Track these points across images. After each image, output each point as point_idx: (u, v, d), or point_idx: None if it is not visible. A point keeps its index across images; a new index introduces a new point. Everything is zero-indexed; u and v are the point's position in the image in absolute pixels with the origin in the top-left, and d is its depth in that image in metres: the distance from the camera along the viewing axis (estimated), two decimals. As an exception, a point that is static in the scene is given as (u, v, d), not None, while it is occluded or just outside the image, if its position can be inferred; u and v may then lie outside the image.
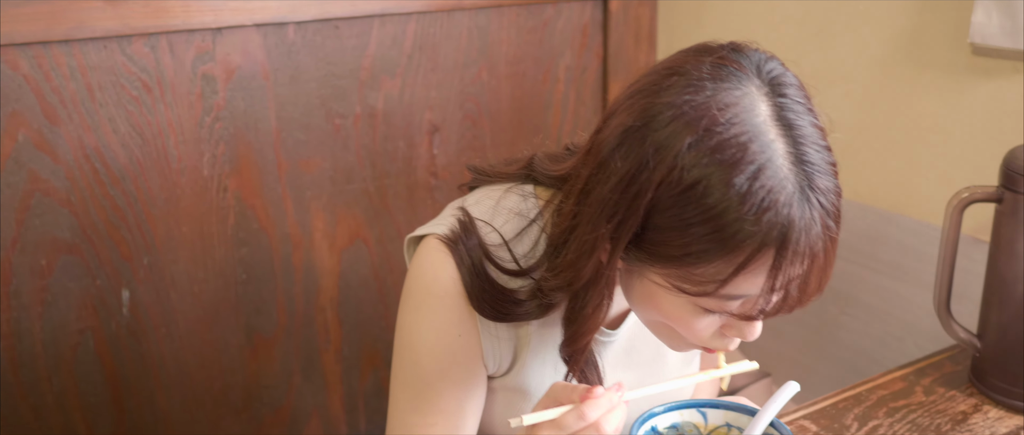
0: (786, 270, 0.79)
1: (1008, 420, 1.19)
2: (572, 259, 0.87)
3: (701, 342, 0.90)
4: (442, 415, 1.00)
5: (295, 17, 1.53)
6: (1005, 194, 1.16)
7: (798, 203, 0.78)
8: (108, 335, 1.53)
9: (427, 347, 0.98)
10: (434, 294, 0.97)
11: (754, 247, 0.78)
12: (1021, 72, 1.34)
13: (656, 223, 0.80)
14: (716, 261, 0.79)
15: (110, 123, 1.44)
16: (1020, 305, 1.18)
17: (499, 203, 0.99)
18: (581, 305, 0.90)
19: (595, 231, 0.83)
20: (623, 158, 0.81)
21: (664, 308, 0.87)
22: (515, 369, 1.02)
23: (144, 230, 1.51)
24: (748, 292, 0.81)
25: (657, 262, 0.83)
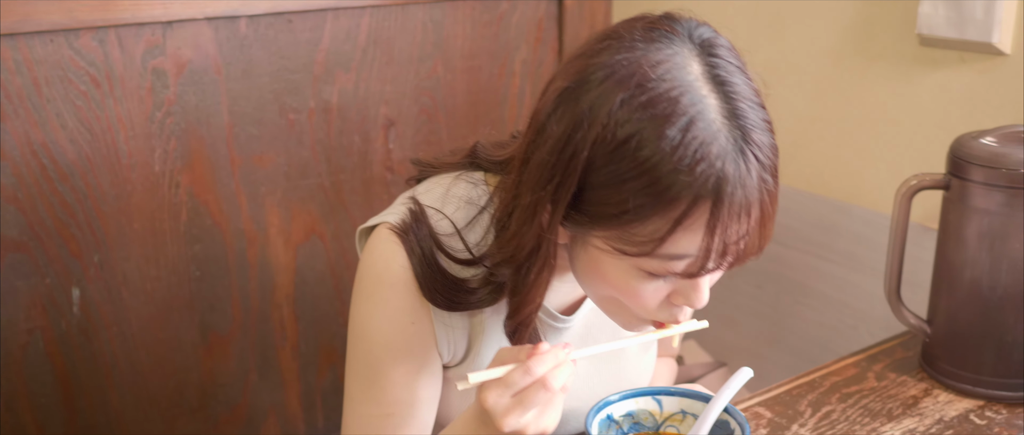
0: (724, 224, 0.80)
1: (957, 403, 1.21)
2: (515, 229, 0.88)
3: (649, 312, 0.89)
4: (397, 405, 1.00)
5: (247, 11, 1.51)
6: (952, 181, 1.18)
7: (733, 155, 0.79)
8: (58, 334, 1.51)
9: (380, 336, 0.98)
10: (386, 283, 0.96)
11: (689, 200, 0.78)
12: (967, 62, 1.36)
13: (593, 182, 0.81)
14: (653, 217, 0.80)
15: (58, 118, 1.42)
16: (967, 291, 1.20)
17: (449, 191, 1.00)
18: (524, 275, 0.90)
19: (535, 195, 0.84)
20: (558, 121, 0.82)
21: (610, 276, 0.87)
22: (469, 358, 1.02)
23: (94, 227, 1.49)
24: (688, 251, 0.82)
25: (597, 224, 0.83)
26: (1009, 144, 1.15)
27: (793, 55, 1.58)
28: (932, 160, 1.40)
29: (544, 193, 0.83)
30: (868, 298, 1.55)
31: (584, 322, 1.08)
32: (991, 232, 1.16)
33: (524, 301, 0.92)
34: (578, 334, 1.08)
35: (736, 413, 0.99)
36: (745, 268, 1.76)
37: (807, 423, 1.17)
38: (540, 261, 0.88)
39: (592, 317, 1.08)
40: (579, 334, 1.08)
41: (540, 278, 0.90)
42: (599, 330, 1.09)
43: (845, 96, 1.53)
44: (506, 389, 0.84)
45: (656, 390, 1.04)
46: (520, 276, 0.91)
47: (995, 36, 1.31)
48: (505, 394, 0.84)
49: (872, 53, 1.47)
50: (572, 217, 0.85)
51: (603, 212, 0.82)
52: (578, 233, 0.87)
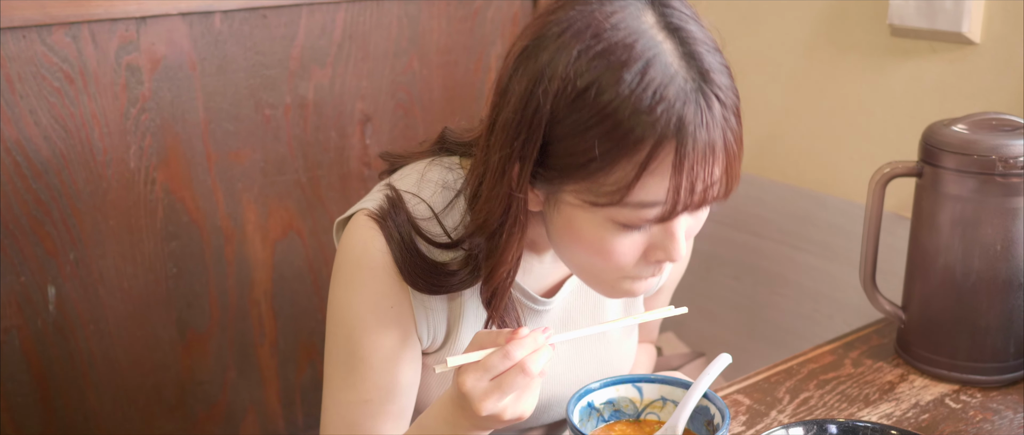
0: (690, 166, 0.81)
1: (933, 388, 1.22)
2: (486, 193, 0.89)
3: (628, 270, 0.89)
4: (377, 391, 1.00)
5: (221, 6, 1.51)
6: (925, 168, 1.20)
7: (693, 96, 0.80)
8: (34, 333, 1.50)
9: (360, 321, 0.98)
10: (365, 267, 0.96)
11: (653, 142, 0.80)
12: (938, 51, 1.38)
13: (557, 134, 0.83)
14: (619, 163, 0.81)
15: (31, 115, 1.41)
16: (941, 277, 1.21)
17: (424, 175, 1.00)
18: (498, 238, 0.91)
19: (503, 154, 0.86)
20: (519, 79, 0.84)
21: (585, 235, 0.87)
22: (449, 343, 1.02)
23: (70, 224, 1.48)
24: (657, 196, 0.82)
25: (567, 177, 0.84)
26: (980, 131, 1.17)
27: (766, 48, 1.60)
28: (905, 149, 1.42)
29: (511, 150, 0.85)
30: (844, 287, 1.57)
31: (564, 305, 1.08)
32: (963, 218, 1.17)
33: (498, 264, 0.92)
34: (558, 317, 1.08)
35: (716, 399, 1.00)
36: (722, 259, 1.78)
37: (785, 409, 1.18)
38: (512, 221, 0.89)
39: (572, 300, 1.09)
40: (559, 317, 1.08)
41: (512, 240, 0.90)
42: (579, 313, 1.10)
43: (818, 87, 1.54)
44: (484, 373, 0.84)
45: (637, 377, 1.05)
46: (494, 241, 0.91)
47: (965, 25, 1.33)
48: (483, 378, 0.84)
49: (844, 44, 1.49)
50: (541, 175, 0.86)
51: (571, 163, 0.83)
52: (550, 192, 0.88)
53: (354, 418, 1.01)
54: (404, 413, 1.03)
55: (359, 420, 1.01)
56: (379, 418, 1.01)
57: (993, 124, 1.18)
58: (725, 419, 0.96)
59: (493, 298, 0.94)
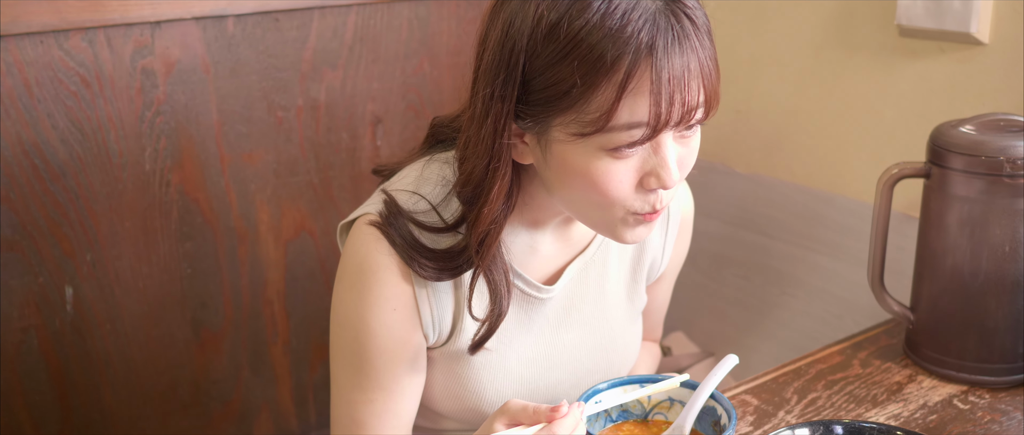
0: (667, 81, 0.84)
1: (941, 389, 1.23)
2: (473, 140, 0.92)
3: (625, 201, 0.91)
4: (381, 392, 1.02)
5: (234, 10, 1.52)
6: (932, 169, 1.20)
7: (663, 15, 0.84)
8: (52, 332, 1.52)
9: (364, 324, 1.00)
10: (366, 270, 0.99)
11: (628, 62, 0.83)
12: (946, 51, 1.38)
13: (536, 68, 0.86)
14: (599, 86, 0.84)
15: (49, 118, 1.43)
16: (949, 277, 1.22)
17: (422, 174, 1.03)
18: (484, 183, 0.93)
19: (485, 96, 0.89)
20: (495, 26, 0.88)
21: (579, 168, 0.89)
22: (454, 334, 1.04)
23: (86, 226, 1.50)
24: (640, 117, 0.85)
25: (551, 111, 0.87)
26: (988, 132, 1.17)
27: (775, 47, 1.60)
28: (914, 149, 1.42)
29: (492, 91, 0.88)
30: (853, 287, 1.57)
31: (566, 293, 1.10)
32: (971, 219, 1.18)
33: (485, 206, 0.94)
34: (560, 305, 1.10)
35: (723, 400, 1.01)
36: (731, 259, 1.79)
37: (793, 410, 1.19)
38: (497, 163, 0.92)
39: (573, 287, 1.10)
40: (561, 305, 1.10)
41: (498, 181, 0.92)
42: (582, 301, 1.11)
43: (827, 87, 1.55)
44: None
45: (645, 378, 1.06)
46: (481, 185, 0.93)
47: (973, 26, 1.33)
48: None
49: (853, 44, 1.49)
50: (527, 114, 0.89)
51: (553, 94, 0.86)
52: (540, 134, 0.91)
53: (361, 417, 1.03)
54: (409, 412, 1.05)
55: (365, 419, 1.03)
56: (385, 417, 1.03)
57: (1001, 125, 1.19)
58: (731, 420, 0.97)
59: (482, 245, 0.96)
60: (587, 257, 1.10)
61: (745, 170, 1.71)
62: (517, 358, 1.08)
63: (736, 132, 1.71)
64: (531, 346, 1.09)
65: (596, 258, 1.11)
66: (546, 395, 1.11)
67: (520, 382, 1.08)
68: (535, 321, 1.08)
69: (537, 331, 1.09)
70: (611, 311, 1.14)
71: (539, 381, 1.10)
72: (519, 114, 0.89)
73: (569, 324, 1.11)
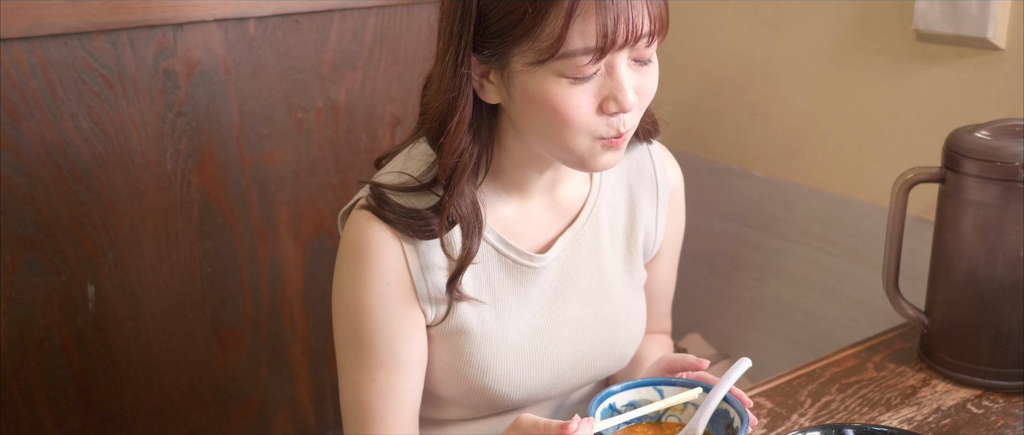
0: (611, 3, 0.89)
1: (955, 393, 1.23)
2: (437, 80, 0.96)
3: (590, 127, 0.95)
4: (383, 370, 1.04)
5: (255, 12, 1.54)
6: (948, 174, 1.20)
7: None
8: (74, 330, 1.54)
9: (360, 301, 1.03)
10: (360, 248, 1.02)
11: None
12: (963, 57, 1.38)
13: (489, 3, 0.91)
14: (549, 12, 0.89)
15: (72, 119, 1.45)
16: (964, 282, 1.22)
17: (409, 155, 1.07)
18: (449, 119, 0.97)
19: (445, 35, 0.94)
20: None
21: (540, 97, 0.93)
22: (452, 312, 1.06)
23: (108, 225, 1.52)
24: (589, 42, 0.90)
25: (507, 41, 0.92)
26: (1003, 137, 1.17)
27: (792, 52, 1.61)
28: (930, 154, 1.42)
29: (451, 28, 0.93)
30: (868, 290, 1.58)
31: (560, 262, 1.11)
32: (986, 224, 1.18)
33: (450, 137, 0.97)
34: (556, 275, 1.11)
35: (736, 402, 1.01)
36: (747, 261, 1.79)
37: (807, 413, 1.19)
38: (458, 93, 0.95)
39: (567, 257, 1.12)
40: (557, 275, 1.11)
41: (459, 110, 0.96)
42: (577, 272, 1.13)
43: (844, 91, 1.55)
44: None
45: (657, 380, 1.06)
46: (447, 123, 0.97)
47: (990, 31, 1.33)
48: None
49: (870, 49, 1.49)
50: (487, 49, 0.94)
51: (507, 24, 0.91)
52: (502, 69, 0.95)
53: (366, 398, 1.05)
54: (414, 392, 1.07)
55: (371, 400, 1.05)
56: (389, 396, 1.05)
57: (1016, 130, 1.19)
58: (744, 423, 0.98)
59: (450, 179, 0.99)
60: (578, 227, 1.12)
61: (762, 173, 1.72)
62: (518, 331, 1.09)
63: (753, 135, 1.71)
64: (530, 318, 1.10)
65: (587, 228, 1.13)
66: (551, 368, 1.12)
67: (522, 355, 1.10)
68: (532, 293, 1.10)
69: (535, 303, 1.10)
70: (609, 284, 1.15)
71: (542, 354, 1.11)
72: (478, 48, 0.94)
73: (567, 297, 1.12)
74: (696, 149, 1.83)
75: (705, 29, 1.74)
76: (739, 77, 1.71)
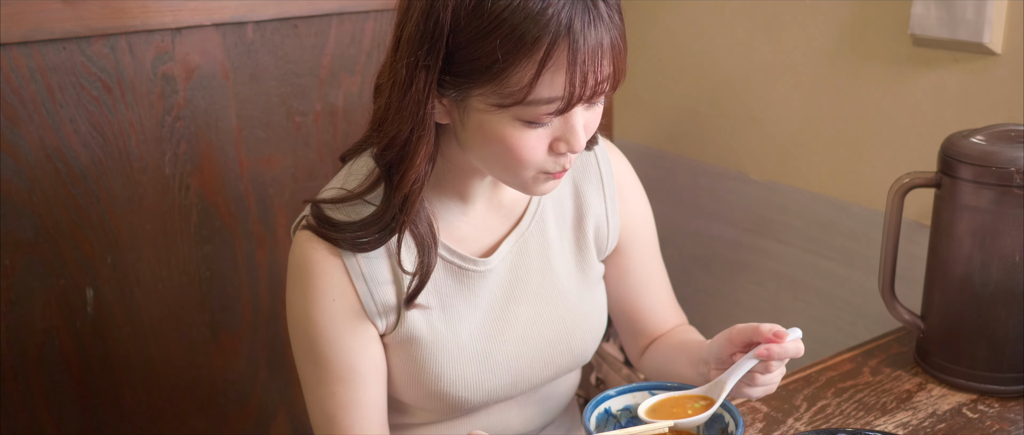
0: (582, 60, 0.90)
1: (951, 397, 1.23)
2: (395, 107, 0.95)
3: (538, 163, 0.97)
4: (341, 383, 1.06)
5: (254, 16, 1.55)
6: (943, 179, 1.21)
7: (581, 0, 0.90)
8: (73, 334, 1.54)
9: (310, 319, 1.05)
10: (304, 268, 1.04)
11: (548, 42, 0.88)
12: (959, 61, 1.39)
13: (460, 42, 0.90)
14: (520, 63, 0.89)
15: (71, 123, 1.46)
16: (960, 287, 1.22)
17: (350, 171, 1.08)
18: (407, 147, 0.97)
19: (409, 63, 0.93)
20: None
21: (494, 135, 0.94)
22: (402, 320, 1.07)
23: (107, 229, 1.53)
24: (555, 92, 0.91)
25: (472, 83, 0.92)
26: (998, 143, 1.17)
27: (789, 56, 1.61)
28: (926, 158, 1.43)
29: (416, 60, 0.92)
30: (865, 294, 1.58)
31: (508, 265, 1.12)
32: (982, 229, 1.18)
33: (408, 169, 0.98)
34: (504, 277, 1.12)
35: (731, 408, 1.02)
36: (744, 265, 1.79)
37: (802, 417, 1.20)
38: (420, 128, 0.95)
39: (515, 259, 1.13)
40: (505, 277, 1.12)
41: (421, 144, 0.97)
42: (527, 272, 1.14)
43: (840, 96, 1.55)
44: None
45: (652, 385, 1.07)
46: (405, 149, 0.97)
47: (986, 36, 1.33)
48: None
49: (866, 53, 1.50)
50: (449, 83, 0.93)
51: (475, 68, 0.91)
52: (459, 101, 0.95)
53: (330, 411, 1.08)
54: (376, 401, 1.09)
55: (334, 413, 1.07)
56: (351, 408, 1.07)
57: (1011, 135, 1.19)
58: (739, 427, 0.98)
59: (404, 203, 1.00)
60: (523, 229, 1.13)
61: (759, 177, 1.72)
62: (469, 335, 1.10)
63: (750, 139, 1.71)
64: (481, 322, 1.11)
65: (532, 229, 1.14)
66: (507, 369, 1.13)
67: (476, 358, 1.11)
68: (480, 296, 1.11)
69: (486, 306, 1.11)
70: (561, 282, 1.16)
71: (496, 355, 1.12)
72: (440, 82, 0.93)
73: (518, 298, 1.13)
74: (693, 153, 1.84)
75: (702, 33, 1.75)
76: (736, 81, 1.71)
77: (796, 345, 1.02)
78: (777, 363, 1.02)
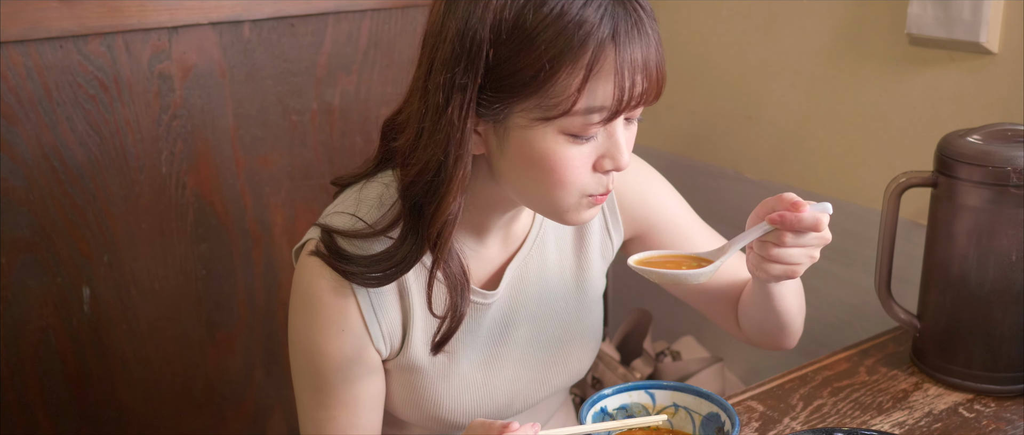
0: (629, 64, 0.88)
1: (947, 397, 1.23)
2: (428, 133, 0.91)
3: (582, 184, 0.93)
4: (342, 407, 1.05)
5: (250, 15, 1.54)
6: (939, 179, 1.21)
7: (619, 2, 0.88)
8: (69, 332, 1.54)
9: (316, 348, 1.02)
10: (312, 297, 1.01)
11: (595, 45, 0.86)
12: (956, 61, 1.39)
13: (502, 55, 0.88)
14: (565, 68, 0.86)
15: (68, 122, 1.46)
16: (956, 286, 1.22)
17: (361, 195, 1.05)
18: (442, 175, 0.92)
19: (444, 87, 0.89)
20: (453, 18, 0.89)
21: (537, 153, 0.91)
22: (405, 346, 1.06)
23: (104, 228, 1.53)
24: (603, 101, 0.88)
25: (515, 97, 0.89)
26: (994, 142, 1.17)
27: (786, 55, 1.61)
28: (923, 157, 1.43)
29: (452, 81, 0.89)
30: (861, 294, 1.58)
31: (509, 294, 1.11)
32: (978, 228, 1.18)
33: (448, 196, 0.93)
34: (504, 304, 1.11)
35: (727, 406, 1.02)
36: (741, 264, 1.78)
37: (798, 417, 1.20)
38: (455, 156, 0.91)
39: (515, 285, 1.11)
40: (505, 304, 1.11)
41: (458, 169, 0.92)
42: (525, 296, 1.12)
43: (837, 94, 1.55)
44: None
45: (649, 384, 1.07)
46: (439, 177, 0.93)
47: (983, 36, 1.33)
48: None
49: (863, 52, 1.50)
50: (486, 103, 0.90)
51: (519, 80, 0.88)
52: (497, 123, 0.92)
53: (327, 433, 1.06)
54: (374, 423, 1.08)
55: (332, 433, 1.06)
56: (350, 431, 1.06)
57: (1008, 135, 1.19)
58: (735, 427, 0.98)
59: (439, 237, 0.96)
60: (524, 254, 1.11)
61: (755, 176, 1.72)
62: (470, 363, 1.10)
63: (747, 138, 1.71)
64: (481, 350, 1.10)
65: (533, 253, 1.12)
66: (504, 392, 1.13)
67: (475, 386, 1.10)
68: (482, 325, 1.10)
69: (486, 334, 1.10)
70: (558, 303, 1.15)
71: (495, 381, 1.11)
72: (478, 102, 0.90)
73: (516, 322, 1.12)
74: (690, 152, 1.84)
75: (699, 32, 1.75)
76: (733, 80, 1.71)
77: (813, 217, 0.94)
78: (793, 237, 0.95)
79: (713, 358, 1.83)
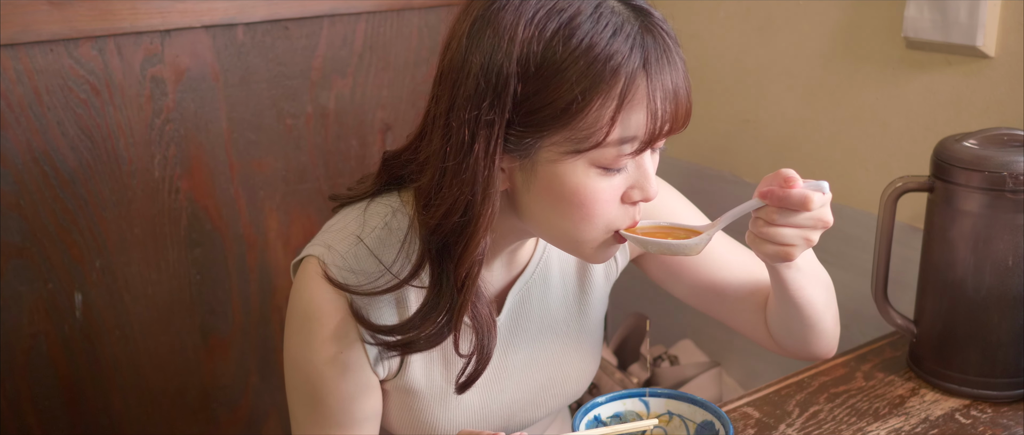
0: (661, 93, 0.87)
1: (944, 402, 1.22)
2: (452, 171, 0.88)
3: (611, 218, 0.91)
4: (338, 426, 1.04)
5: (244, 18, 1.54)
6: (936, 183, 1.20)
7: (646, 31, 0.87)
8: (61, 338, 1.53)
9: (313, 366, 1.01)
10: (311, 316, 0.99)
11: (627, 74, 0.85)
12: (953, 64, 1.38)
13: (530, 89, 0.86)
14: (597, 99, 0.85)
15: (59, 126, 1.45)
16: (953, 291, 1.21)
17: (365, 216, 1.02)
18: (469, 214, 0.90)
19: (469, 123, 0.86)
20: (477, 50, 0.86)
21: (567, 187, 0.89)
22: (403, 369, 1.04)
23: (95, 232, 1.52)
24: (635, 131, 0.87)
25: (545, 129, 0.87)
26: (991, 147, 1.17)
27: (783, 58, 1.60)
28: (919, 161, 1.42)
29: (478, 115, 0.86)
30: (858, 298, 1.57)
31: (510, 317, 1.10)
32: (975, 234, 1.17)
33: (476, 236, 0.91)
34: (505, 329, 1.10)
35: (721, 415, 1.01)
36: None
37: (794, 423, 1.19)
38: (491, 190, 0.89)
39: (517, 308, 1.10)
40: (506, 328, 1.10)
41: (487, 207, 0.89)
42: (527, 320, 1.11)
43: (834, 98, 1.55)
44: None
45: (644, 391, 1.06)
46: (466, 217, 0.90)
47: (979, 39, 1.33)
48: None
49: (860, 56, 1.49)
50: (514, 138, 0.88)
51: (549, 113, 0.86)
52: (525, 155, 0.89)
53: None
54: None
55: None
56: None
57: (1004, 140, 1.18)
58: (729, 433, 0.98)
59: (467, 279, 0.93)
60: (527, 278, 1.09)
61: (752, 179, 1.72)
62: None
63: (744, 141, 1.71)
64: None
65: (536, 276, 1.10)
66: (501, 414, 1.12)
67: (472, 409, 1.09)
68: None
69: None
70: (559, 326, 1.13)
71: (492, 405, 1.10)
72: (506, 137, 0.87)
73: (516, 345, 1.11)
74: (687, 155, 1.83)
75: (696, 35, 1.74)
76: (730, 83, 1.70)
77: (801, 195, 0.90)
78: (782, 215, 0.92)
79: (711, 362, 1.82)
